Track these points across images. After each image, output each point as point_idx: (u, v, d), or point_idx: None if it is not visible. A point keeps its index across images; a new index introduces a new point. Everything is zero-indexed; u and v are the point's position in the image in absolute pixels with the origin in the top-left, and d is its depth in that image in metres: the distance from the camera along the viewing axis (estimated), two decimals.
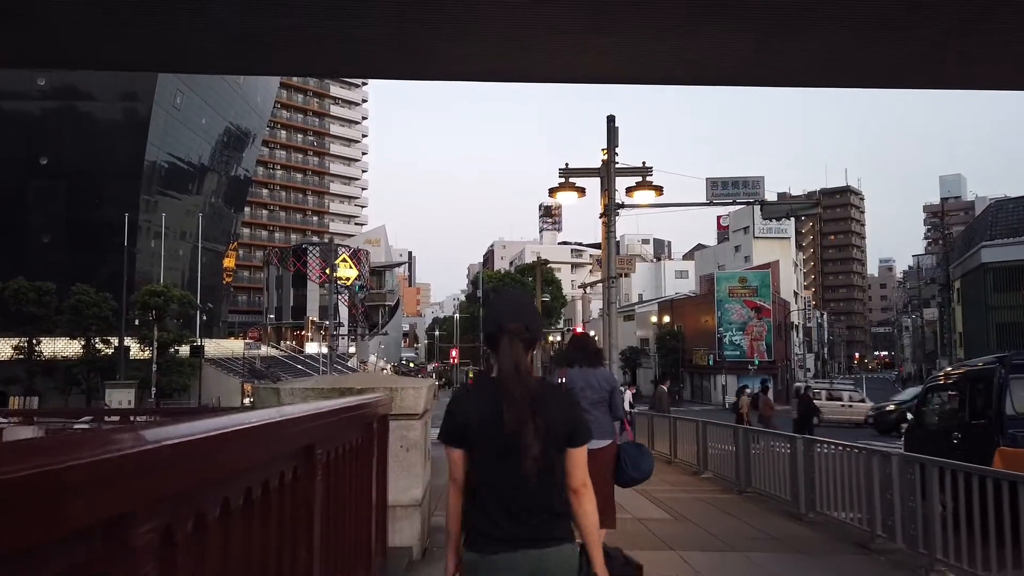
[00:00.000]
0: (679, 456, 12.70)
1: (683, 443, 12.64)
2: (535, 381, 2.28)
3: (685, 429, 12.73)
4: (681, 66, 15.73)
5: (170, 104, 49.66)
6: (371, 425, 4.39)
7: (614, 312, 16.43)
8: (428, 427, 6.24)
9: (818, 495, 7.32)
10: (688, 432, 12.45)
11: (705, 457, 11.13)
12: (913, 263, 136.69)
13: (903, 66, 14.31)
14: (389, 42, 12.87)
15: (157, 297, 37.73)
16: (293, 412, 2.25)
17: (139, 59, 15.90)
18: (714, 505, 8.49)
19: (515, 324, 2.32)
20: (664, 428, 14.16)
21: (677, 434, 12.95)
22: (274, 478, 1.94)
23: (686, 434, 12.56)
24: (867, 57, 13.56)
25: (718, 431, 11.08)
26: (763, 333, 53.59)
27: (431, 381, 6.63)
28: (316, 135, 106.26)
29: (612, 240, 16.26)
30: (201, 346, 40.27)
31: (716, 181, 15.94)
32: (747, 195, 15.73)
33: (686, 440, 12.52)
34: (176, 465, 1.12)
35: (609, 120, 16.62)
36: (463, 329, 69.48)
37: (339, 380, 5.75)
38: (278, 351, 59.76)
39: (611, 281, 16.24)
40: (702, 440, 11.28)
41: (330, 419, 2.76)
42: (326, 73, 55.24)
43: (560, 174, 17.86)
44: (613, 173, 16.43)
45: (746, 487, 9.26)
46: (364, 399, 4.55)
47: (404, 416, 5.48)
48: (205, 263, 61.48)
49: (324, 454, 2.62)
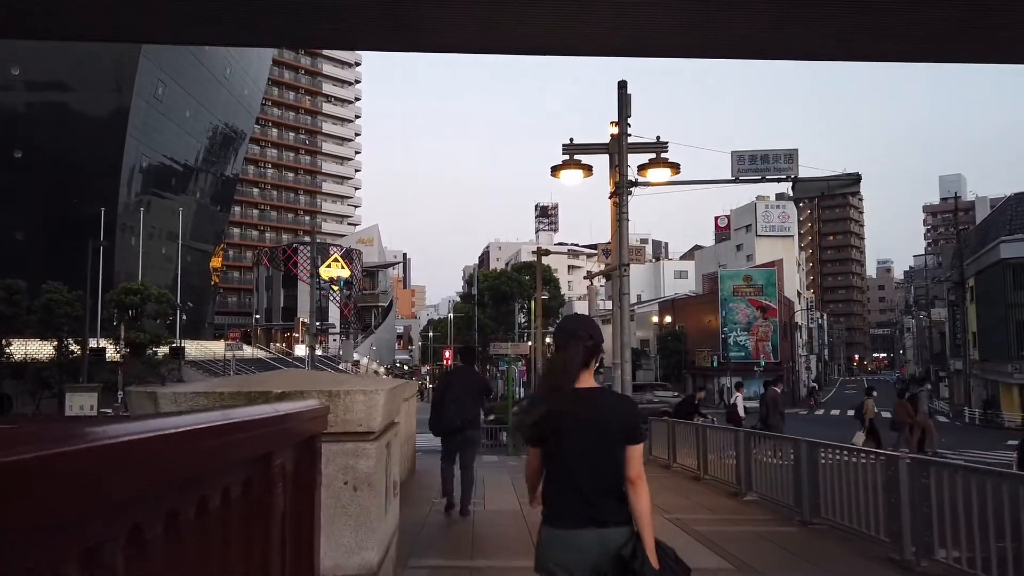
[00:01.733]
0: (710, 472, 10.71)
1: (715, 455, 10.65)
2: (589, 386, 2.80)
3: (717, 439, 10.74)
4: (694, 35, 13.89)
5: (151, 95, 47.53)
6: (288, 451, 2.45)
7: (626, 305, 14.45)
8: (396, 450, 4.28)
9: (937, 535, 5.34)
10: (722, 443, 10.47)
11: (748, 474, 9.13)
12: (913, 264, 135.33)
13: (943, 36, 12.51)
14: (375, 8, 11.25)
15: (133, 295, 35.64)
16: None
17: (107, 27, 13.97)
18: (781, 545, 6.47)
19: (583, 332, 2.86)
20: (685, 438, 12.18)
21: (706, 444, 10.95)
22: None
23: (718, 445, 10.58)
24: (899, 24, 11.72)
25: (764, 442, 9.09)
26: (769, 333, 51.69)
27: (401, 382, 4.64)
28: (308, 133, 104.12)
29: (624, 223, 14.28)
30: (181, 347, 38.21)
31: (742, 155, 13.98)
32: (778, 171, 13.77)
33: (718, 452, 10.53)
34: None
35: (620, 87, 14.65)
36: (457, 329, 67.40)
37: (251, 381, 3.67)
38: (265, 353, 57.64)
39: (623, 269, 14.26)
40: (744, 453, 9.29)
41: (189, 448, 1.19)
42: (309, 43, 53.56)
43: (564, 150, 15.88)
44: (625, 146, 14.45)
45: (812, 516, 7.26)
46: (272, 411, 2.57)
47: (349, 436, 3.51)
48: (190, 262, 59.35)
49: (166, 514, 1.20)
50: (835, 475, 6.99)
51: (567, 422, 2.69)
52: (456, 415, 7.72)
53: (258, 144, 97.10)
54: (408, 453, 11.40)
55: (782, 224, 68.44)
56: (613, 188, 15.45)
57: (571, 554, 2.64)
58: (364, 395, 3.53)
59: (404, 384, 4.53)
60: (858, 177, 13.74)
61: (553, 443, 2.72)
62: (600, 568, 2.62)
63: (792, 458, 7.79)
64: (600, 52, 16.50)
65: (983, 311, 43.83)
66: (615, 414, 2.72)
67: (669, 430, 12.89)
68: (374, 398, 3.55)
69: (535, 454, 2.81)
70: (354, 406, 3.51)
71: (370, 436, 3.57)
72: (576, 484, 2.67)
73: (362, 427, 3.53)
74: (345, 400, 3.50)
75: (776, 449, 8.63)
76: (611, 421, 2.70)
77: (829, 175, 14.03)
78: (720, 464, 10.35)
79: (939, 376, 65.33)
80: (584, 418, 2.68)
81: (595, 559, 2.62)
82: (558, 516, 2.69)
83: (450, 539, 6.83)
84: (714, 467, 10.59)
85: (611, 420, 2.70)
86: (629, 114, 14.52)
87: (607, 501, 2.66)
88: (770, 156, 13.90)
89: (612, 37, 13.75)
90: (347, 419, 3.49)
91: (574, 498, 2.67)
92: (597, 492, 2.66)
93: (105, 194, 44.86)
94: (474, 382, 8.23)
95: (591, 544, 2.63)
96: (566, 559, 2.65)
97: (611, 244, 16.17)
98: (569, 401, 2.70)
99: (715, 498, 9.26)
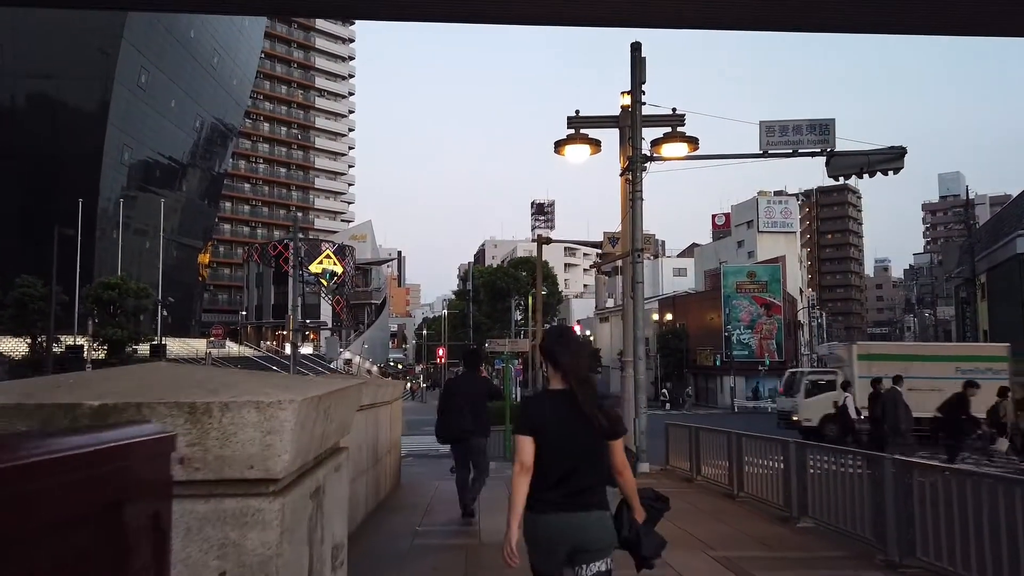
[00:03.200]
0: (746, 488, 9.08)
1: (753, 468, 9.02)
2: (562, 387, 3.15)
3: (755, 448, 9.10)
4: (700, 3, 12.35)
5: (134, 83, 45.73)
6: (83, 529, 0.92)
7: (639, 295, 12.81)
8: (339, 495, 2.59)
9: None
10: (762, 453, 8.84)
11: (802, 494, 7.49)
12: (913, 262, 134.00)
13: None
14: None
15: (111, 290, 33.88)
16: None
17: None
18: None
19: (568, 333, 3.49)
20: (712, 446, 10.55)
21: (741, 455, 9.30)
22: None
23: (758, 456, 8.95)
24: None
25: (825, 455, 7.43)
26: (773, 331, 50.17)
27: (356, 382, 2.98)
28: (300, 128, 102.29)
29: (638, 203, 12.64)
30: (162, 345, 36.48)
31: (772, 126, 12.34)
32: (812, 143, 12.15)
33: (757, 464, 8.90)
34: None
35: (634, 49, 13.01)
36: (452, 327, 65.71)
37: (58, 386, 1.89)
38: (253, 351, 55.88)
39: (636, 255, 12.63)
40: (795, 466, 7.63)
41: None
42: (296, 11, 52.31)
43: (569, 124, 14.25)
44: (639, 116, 12.81)
45: (904, 556, 5.64)
46: (44, 449, 0.94)
47: (229, 488, 1.87)
48: (177, 258, 57.56)
49: None
50: (943, 501, 5.35)
51: (562, 418, 3.04)
52: (460, 423, 7.57)
53: (249, 139, 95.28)
54: (389, 466, 9.74)
55: (784, 220, 67.03)
56: (624, 165, 13.82)
57: (559, 535, 2.98)
58: (258, 411, 1.89)
59: (355, 387, 2.81)
60: (903, 151, 12.16)
61: (549, 437, 3.01)
62: (577, 546, 2.99)
63: (869, 476, 6.17)
64: (604, 21, 14.98)
65: (995, 308, 42.40)
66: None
67: (692, 437, 11.25)
68: (276, 417, 1.90)
69: (527, 443, 3.02)
70: (238, 432, 1.86)
71: (269, 487, 1.93)
72: (563, 474, 3.00)
73: (254, 470, 1.89)
74: (221, 421, 1.86)
75: (839, 463, 7.00)
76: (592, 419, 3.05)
77: (869, 148, 12.42)
78: (760, 479, 8.71)
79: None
80: (572, 415, 3.05)
81: (577, 538, 2.98)
82: (540, 502, 2.99)
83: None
84: (752, 482, 8.95)
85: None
86: (643, 80, 12.89)
87: (588, 489, 3.02)
88: (803, 127, 12.28)
89: (619, 3, 12.21)
90: (224, 456, 1.86)
91: (559, 486, 2.99)
92: (581, 482, 3.01)
93: (85, 186, 43.04)
94: (480, 389, 7.88)
95: (571, 527, 2.98)
96: (554, 540, 2.99)
97: (621, 229, 14.55)
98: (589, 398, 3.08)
99: (761, 524, 7.61)
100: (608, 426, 3.03)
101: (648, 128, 13.55)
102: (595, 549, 2.98)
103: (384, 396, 8.65)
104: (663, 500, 3.28)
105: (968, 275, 44.96)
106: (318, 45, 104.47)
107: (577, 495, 2.97)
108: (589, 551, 2.97)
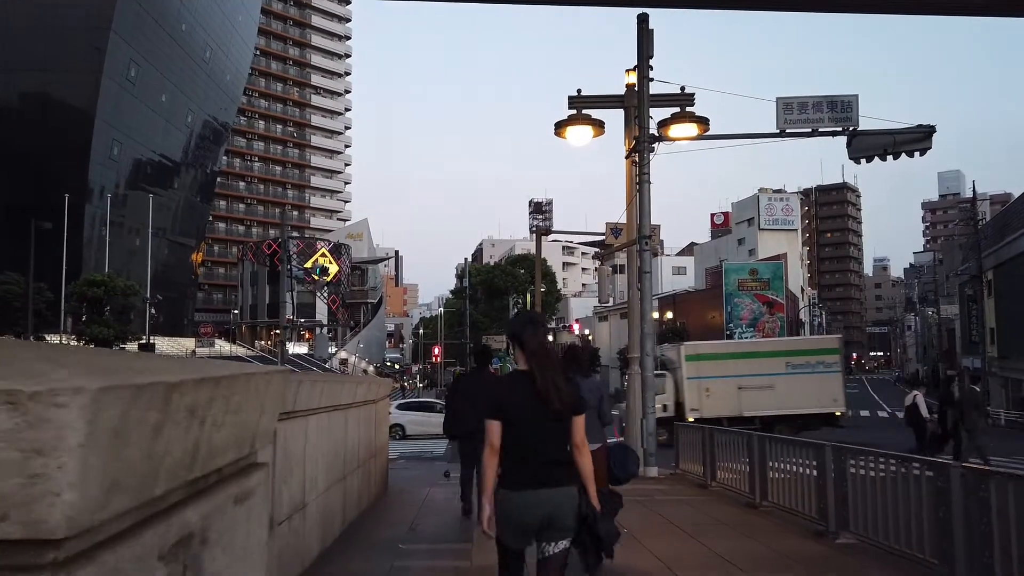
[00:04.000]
0: (771, 497, 8.16)
1: (778, 473, 8.10)
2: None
3: (780, 452, 8.18)
4: None
5: (123, 77, 44.70)
6: None
7: (648, 287, 11.90)
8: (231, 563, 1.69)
9: None
10: (787, 453, 7.92)
11: (840, 505, 6.56)
12: (914, 261, 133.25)
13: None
14: None
15: (96, 288, 32.91)
16: None
17: None
18: None
19: (539, 319, 3.55)
20: (730, 448, 9.63)
21: (764, 459, 8.38)
22: None
23: (781, 457, 8.03)
24: None
25: (871, 460, 6.50)
26: (776, 330, 49.27)
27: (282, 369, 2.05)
28: (296, 125, 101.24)
29: (646, 186, 11.71)
30: (150, 344, 35.50)
31: (790, 103, 11.40)
32: (834, 120, 11.24)
33: (783, 468, 7.98)
34: None
35: (640, 21, 12.08)
36: (448, 325, 64.75)
37: None
38: (246, 350, 54.90)
39: (644, 243, 11.70)
40: (832, 473, 6.70)
41: None
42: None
43: (570, 104, 13.33)
44: (647, 92, 11.88)
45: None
46: None
47: None
48: (169, 256, 56.59)
49: None
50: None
51: (525, 398, 3.19)
52: (467, 421, 7.28)
53: (244, 136, 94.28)
54: (373, 472, 8.80)
55: (786, 217, 66.20)
56: (629, 147, 12.91)
57: (531, 510, 3.12)
58: (9, 411, 0.94)
59: (275, 376, 1.76)
60: (932, 129, 11.25)
61: (516, 418, 3.17)
62: (547, 521, 3.12)
63: (932, 485, 5.25)
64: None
65: (1002, 306, 41.61)
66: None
67: (705, 438, 10.33)
68: (47, 421, 0.96)
69: (495, 426, 3.16)
70: None
71: (42, 554, 0.97)
72: (533, 452, 3.15)
73: (3, 525, 0.94)
74: None
75: (888, 469, 6.08)
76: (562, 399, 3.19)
77: (895, 127, 11.51)
78: (788, 486, 7.78)
79: (947, 375, 63.18)
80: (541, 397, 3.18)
81: (547, 512, 3.12)
82: (513, 479, 3.14)
83: None
84: (778, 490, 8.03)
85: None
86: (651, 55, 11.96)
87: (558, 466, 3.18)
88: (823, 104, 11.35)
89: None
90: None
91: (529, 464, 3.15)
92: (551, 459, 3.16)
93: (72, 182, 42.03)
94: (487, 388, 6.95)
95: (541, 503, 3.11)
96: (527, 515, 3.13)
97: (626, 217, 13.63)
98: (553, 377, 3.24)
99: (794, 540, 6.68)
100: (561, 405, 3.12)
101: (655, 108, 12.64)
102: (561, 527, 3.14)
103: (363, 394, 7.69)
104: (617, 496, 3.61)
105: (975, 272, 44.12)
106: (314, 42, 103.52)
107: (545, 472, 3.12)
108: (556, 528, 3.13)
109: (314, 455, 5.23)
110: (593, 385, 5.76)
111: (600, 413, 5.57)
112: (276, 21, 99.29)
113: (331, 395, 5.65)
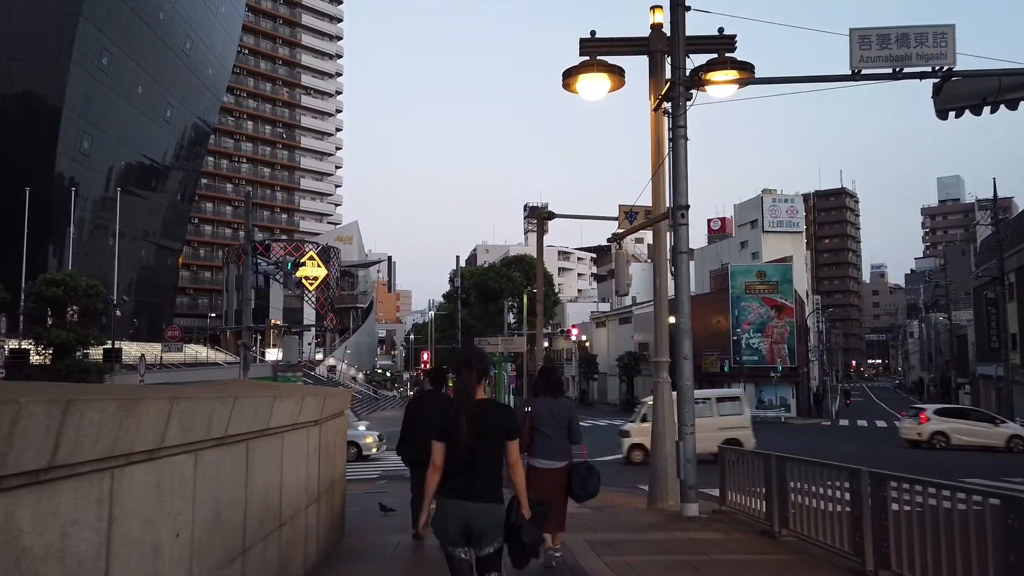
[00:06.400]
0: (790, 526, 5.54)
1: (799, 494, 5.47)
2: (480, 399, 3.76)
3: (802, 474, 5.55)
4: None
5: (94, 65, 41.95)
6: None
7: (684, 269, 9.33)
8: None
9: None
10: (811, 476, 5.29)
11: (881, 542, 3.95)
12: (915, 267, 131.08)
13: None
14: None
15: (56, 287, 30.17)
16: None
17: None
18: None
19: (474, 360, 3.82)
20: (811, 483, 6.99)
21: (784, 480, 5.74)
22: None
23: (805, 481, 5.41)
24: None
25: (920, 488, 3.89)
26: (785, 334, 46.73)
27: None
28: (286, 126, 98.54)
29: (681, 142, 9.13)
30: (115, 349, 32.77)
31: (867, 36, 8.86)
32: (923, 59, 8.75)
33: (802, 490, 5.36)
34: None
35: None
36: (440, 331, 61.97)
37: None
38: (225, 355, 52.02)
39: (679, 215, 9.12)
40: (869, 502, 4.09)
41: None
42: None
43: (583, 50, 10.75)
44: (683, 21, 9.32)
45: None
46: None
47: None
48: (147, 258, 53.76)
49: None
50: None
51: (467, 424, 3.61)
52: (424, 448, 5.68)
53: (232, 137, 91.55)
54: (321, 521, 6.09)
55: (790, 219, 63.79)
56: (656, 100, 10.34)
57: (451, 519, 3.57)
58: None
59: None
60: None
61: (454, 439, 3.61)
62: (470, 527, 3.55)
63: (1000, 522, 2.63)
64: None
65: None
66: (491, 417, 3.67)
67: (770, 468, 7.68)
68: None
69: (439, 447, 3.66)
70: None
71: None
72: (462, 469, 3.60)
73: None
74: None
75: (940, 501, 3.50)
76: (488, 424, 3.64)
77: (1000, 68, 8.98)
78: (813, 516, 5.17)
79: (958, 383, 60.77)
80: (478, 421, 3.64)
81: (466, 523, 3.55)
82: (447, 490, 3.61)
83: None
84: (801, 519, 5.47)
85: (488, 423, 3.64)
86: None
87: (482, 483, 3.61)
88: (911, 36, 8.80)
89: None
90: None
91: (460, 480, 3.59)
92: (476, 477, 3.60)
93: (37, 177, 39.21)
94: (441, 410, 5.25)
95: (466, 512, 3.54)
96: (447, 522, 3.58)
97: (652, 186, 11.04)
98: (471, 408, 3.68)
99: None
100: (469, 439, 3.59)
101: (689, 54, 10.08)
102: (486, 534, 3.57)
103: (290, 413, 5.01)
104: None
105: (996, 274, 41.73)
106: (304, 41, 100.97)
107: (470, 487, 3.57)
108: (482, 535, 3.56)
109: (145, 538, 2.59)
110: (563, 407, 6.24)
111: (570, 432, 6.14)
112: (266, 20, 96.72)
113: (196, 420, 3.04)
